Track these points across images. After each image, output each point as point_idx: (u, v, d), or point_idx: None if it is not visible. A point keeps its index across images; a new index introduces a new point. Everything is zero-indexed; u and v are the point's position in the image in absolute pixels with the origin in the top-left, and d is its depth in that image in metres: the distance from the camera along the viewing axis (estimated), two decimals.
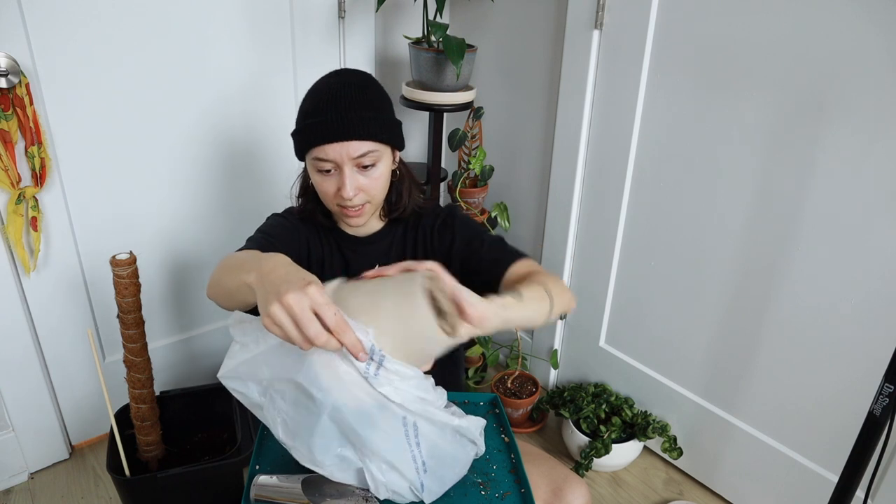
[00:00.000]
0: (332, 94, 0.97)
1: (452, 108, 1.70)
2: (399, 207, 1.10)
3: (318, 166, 0.98)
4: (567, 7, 1.58)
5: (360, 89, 0.98)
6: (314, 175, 1.01)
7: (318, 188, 1.01)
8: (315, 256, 1.12)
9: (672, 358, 1.65)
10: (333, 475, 0.78)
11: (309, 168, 1.02)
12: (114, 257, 1.18)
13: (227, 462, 1.30)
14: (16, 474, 1.59)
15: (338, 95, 0.97)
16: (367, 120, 0.97)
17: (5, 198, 1.36)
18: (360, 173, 0.99)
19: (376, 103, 0.99)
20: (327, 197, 1.02)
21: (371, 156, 0.98)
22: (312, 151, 0.98)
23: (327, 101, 0.97)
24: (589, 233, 1.73)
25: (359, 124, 0.96)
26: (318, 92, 1.00)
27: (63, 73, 1.37)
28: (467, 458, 0.88)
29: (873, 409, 0.89)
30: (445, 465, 0.84)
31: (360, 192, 0.99)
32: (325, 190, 1.00)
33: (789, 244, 1.33)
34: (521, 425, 1.84)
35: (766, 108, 1.29)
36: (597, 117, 1.61)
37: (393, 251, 1.13)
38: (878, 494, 1.30)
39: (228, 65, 1.61)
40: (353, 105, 0.96)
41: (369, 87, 1.00)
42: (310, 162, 1.00)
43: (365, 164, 0.98)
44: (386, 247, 1.13)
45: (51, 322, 1.54)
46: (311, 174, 1.02)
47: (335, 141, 0.95)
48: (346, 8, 1.74)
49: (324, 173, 0.99)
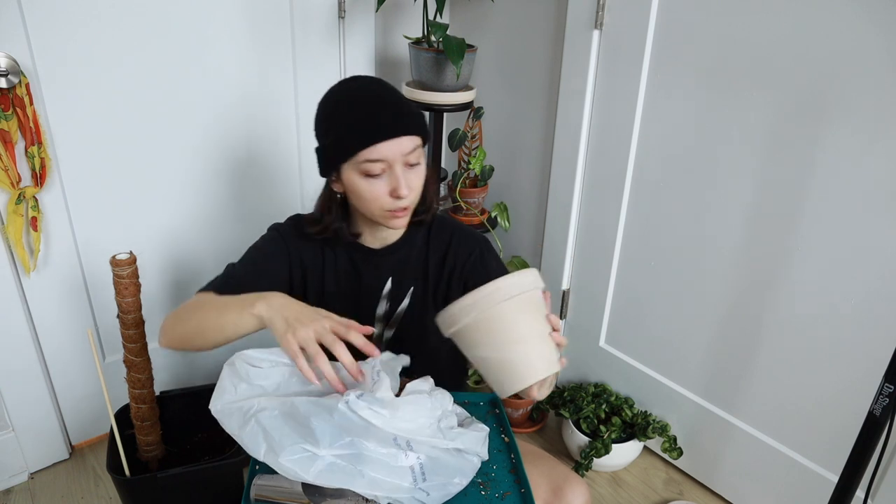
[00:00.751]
0: (369, 94, 0.96)
1: (452, 108, 1.70)
2: (424, 209, 1.08)
3: (367, 170, 0.94)
4: (567, 7, 1.58)
5: (391, 89, 0.98)
6: (359, 182, 0.96)
7: (366, 195, 0.97)
8: (314, 271, 1.10)
9: (672, 358, 1.65)
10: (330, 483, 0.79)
11: (351, 176, 0.97)
12: (114, 257, 1.18)
13: (227, 462, 1.30)
14: (16, 474, 1.59)
15: (378, 95, 0.96)
16: (413, 115, 0.97)
17: (5, 198, 1.36)
18: (408, 171, 0.97)
19: (406, 98, 1.00)
20: (376, 202, 0.97)
21: (417, 152, 0.97)
22: (361, 154, 0.93)
23: (370, 100, 0.95)
24: (589, 233, 1.73)
25: (408, 120, 0.95)
26: (350, 95, 0.97)
27: (63, 73, 1.37)
28: (471, 467, 0.88)
29: (873, 409, 0.89)
30: (447, 474, 0.84)
31: (410, 191, 0.97)
32: (375, 194, 0.96)
33: (789, 244, 1.33)
34: (521, 425, 1.84)
35: (766, 108, 1.29)
36: (597, 117, 1.61)
37: (412, 262, 1.11)
38: (878, 494, 1.30)
39: (228, 65, 1.61)
40: (397, 103, 0.96)
41: (394, 88, 1.00)
42: (355, 168, 0.95)
43: (412, 161, 0.97)
44: (403, 257, 1.11)
45: (51, 322, 1.54)
46: (355, 182, 0.96)
47: (390, 138, 0.93)
48: (346, 8, 1.74)
49: (372, 177, 0.95)
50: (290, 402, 0.80)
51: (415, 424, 0.80)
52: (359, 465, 0.77)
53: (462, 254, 1.10)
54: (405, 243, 1.11)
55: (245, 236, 1.81)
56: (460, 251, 1.10)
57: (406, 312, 1.13)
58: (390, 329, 1.14)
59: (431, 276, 1.12)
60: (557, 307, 1.86)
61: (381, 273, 1.11)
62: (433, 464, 0.82)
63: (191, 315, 0.97)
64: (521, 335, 0.79)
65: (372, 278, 1.10)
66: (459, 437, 0.85)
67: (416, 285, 1.12)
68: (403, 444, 0.79)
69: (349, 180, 0.97)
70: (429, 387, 0.88)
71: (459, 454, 0.85)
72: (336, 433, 0.77)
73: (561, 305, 1.85)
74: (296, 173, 1.85)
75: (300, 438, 0.76)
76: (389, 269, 1.11)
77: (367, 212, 1.01)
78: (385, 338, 1.15)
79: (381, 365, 0.87)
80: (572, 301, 1.85)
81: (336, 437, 0.77)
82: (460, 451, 0.85)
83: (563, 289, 1.83)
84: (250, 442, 0.78)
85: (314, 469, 0.76)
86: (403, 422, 0.79)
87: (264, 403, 0.80)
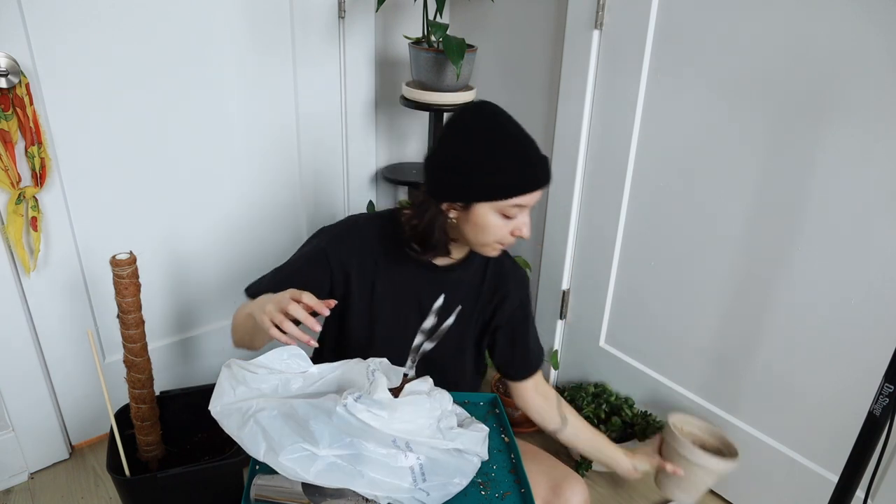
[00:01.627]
0: (524, 140, 1.00)
1: (452, 109, 1.70)
2: None
3: (509, 213, 0.99)
4: (567, 7, 1.58)
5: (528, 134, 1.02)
6: (492, 218, 0.99)
7: (492, 230, 1.00)
8: (364, 276, 1.10)
9: (672, 358, 1.65)
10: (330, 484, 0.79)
11: (484, 212, 0.99)
12: (114, 257, 1.18)
13: (227, 462, 1.30)
14: (16, 474, 1.59)
15: (529, 142, 1.00)
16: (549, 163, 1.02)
17: (5, 198, 1.36)
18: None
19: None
20: (494, 236, 1.01)
21: None
22: (511, 200, 0.97)
23: (529, 147, 0.99)
24: (589, 233, 1.73)
25: (549, 170, 1.01)
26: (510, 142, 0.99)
27: (63, 73, 1.36)
28: (471, 467, 0.88)
29: (873, 409, 0.89)
30: (447, 474, 0.84)
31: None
32: (502, 232, 1.01)
33: (789, 244, 1.33)
34: (521, 425, 1.84)
35: (767, 108, 1.29)
36: (597, 117, 1.61)
37: (466, 283, 1.15)
38: (878, 494, 1.30)
39: (228, 65, 1.61)
40: (544, 155, 1.01)
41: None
42: (493, 207, 0.98)
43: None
44: (459, 277, 1.14)
45: (51, 322, 1.54)
46: (486, 217, 0.99)
47: (541, 188, 0.99)
48: (346, 8, 1.74)
49: (507, 218, 1.00)
50: (288, 404, 0.80)
51: (414, 425, 0.80)
52: (358, 466, 0.77)
53: (513, 298, 1.18)
54: (465, 264, 1.14)
55: (244, 236, 1.82)
56: (512, 293, 1.17)
57: (450, 329, 1.16)
58: (431, 342, 1.17)
59: (480, 301, 1.17)
60: (557, 307, 1.86)
61: (435, 288, 1.13)
62: (433, 464, 0.82)
63: (235, 322, 1.07)
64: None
65: (426, 292, 1.13)
66: (459, 438, 0.85)
67: (465, 305, 1.16)
68: (402, 444, 0.79)
69: (481, 215, 0.99)
70: (428, 387, 0.88)
71: (459, 454, 0.85)
72: (335, 434, 0.77)
73: (561, 305, 1.85)
74: (296, 173, 1.85)
75: (299, 438, 0.76)
76: (445, 286, 1.14)
77: (476, 241, 1.04)
78: (423, 350, 1.17)
79: (377, 365, 0.87)
80: (572, 301, 1.85)
81: (335, 437, 0.77)
82: (460, 452, 0.85)
83: (563, 289, 1.83)
84: (250, 442, 0.78)
85: (314, 469, 0.76)
86: (402, 423, 0.79)
87: (263, 404, 0.80)
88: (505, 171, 0.97)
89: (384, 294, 1.11)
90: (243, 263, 1.84)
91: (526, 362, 1.25)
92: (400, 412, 0.79)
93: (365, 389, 0.81)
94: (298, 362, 0.90)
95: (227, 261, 1.80)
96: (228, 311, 1.86)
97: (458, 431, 0.86)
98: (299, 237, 1.92)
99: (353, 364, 0.90)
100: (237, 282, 1.84)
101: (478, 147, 0.98)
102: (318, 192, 1.93)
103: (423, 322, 1.15)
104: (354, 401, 0.77)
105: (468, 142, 0.99)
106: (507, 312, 1.19)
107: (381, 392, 0.80)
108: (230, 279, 1.83)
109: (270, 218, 1.85)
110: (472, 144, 0.99)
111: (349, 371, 0.89)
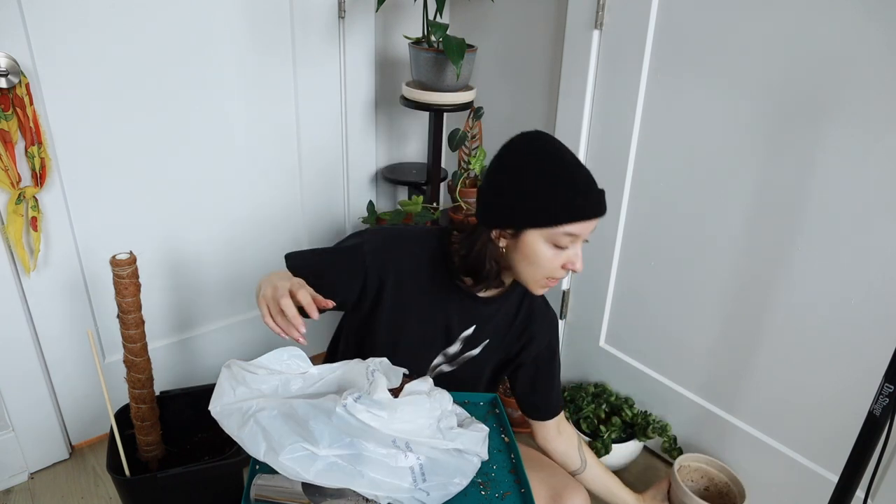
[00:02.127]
0: (582, 169, 0.97)
1: (452, 108, 1.70)
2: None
3: (559, 241, 0.95)
4: (567, 7, 1.58)
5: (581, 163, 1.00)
6: (542, 248, 0.96)
7: (542, 261, 0.97)
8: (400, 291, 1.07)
9: (672, 358, 1.65)
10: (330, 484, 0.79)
11: (535, 240, 0.96)
12: (114, 257, 1.18)
13: (227, 462, 1.30)
14: (16, 474, 1.59)
15: (583, 171, 0.97)
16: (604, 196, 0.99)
17: (5, 198, 1.36)
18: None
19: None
20: (544, 269, 0.98)
21: None
22: (563, 227, 0.94)
23: (584, 176, 0.97)
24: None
25: (603, 201, 0.98)
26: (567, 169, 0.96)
27: (63, 73, 1.36)
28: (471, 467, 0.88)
29: (873, 409, 0.89)
30: (447, 475, 0.84)
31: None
32: (552, 264, 0.97)
33: (789, 244, 1.33)
34: (522, 425, 1.84)
35: (766, 108, 1.29)
36: (597, 117, 1.61)
37: (500, 318, 1.14)
38: (878, 494, 1.30)
39: (228, 65, 1.61)
40: (598, 186, 0.98)
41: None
42: (544, 235, 0.96)
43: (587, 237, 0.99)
44: (494, 311, 1.13)
45: (51, 322, 1.54)
46: (537, 246, 0.96)
47: (594, 218, 0.96)
48: (346, 8, 1.74)
49: (559, 248, 0.97)
50: (288, 404, 0.80)
51: (414, 425, 0.80)
52: (359, 466, 0.77)
53: (541, 339, 1.18)
54: (503, 300, 1.13)
55: (244, 236, 1.82)
56: (540, 334, 1.17)
57: (473, 358, 1.16)
58: (450, 366, 1.17)
59: (509, 337, 1.17)
60: (557, 307, 1.86)
61: (468, 318, 1.12)
62: (433, 464, 0.82)
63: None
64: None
65: (459, 320, 1.12)
66: (459, 438, 0.84)
67: (493, 340, 1.16)
68: (402, 445, 0.79)
69: (531, 243, 0.97)
70: (427, 387, 0.88)
71: (459, 454, 0.85)
72: (335, 434, 0.77)
73: (561, 305, 1.85)
74: (296, 173, 1.85)
75: (299, 438, 0.76)
76: (477, 317, 1.13)
77: (526, 274, 1.01)
78: (440, 370, 1.17)
79: (377, 366, 0.87)
80: (572, 301, 1.85)
81: (335, 437, 0.77)
82: (460, 452, 0.85)
83: (563, 289, 1.83)
84: (250, 442, 0.78)
85: (314, 468, 0.76)
86: (402, 423, 0.79)
87: (263, 404, 0.80)
88: (556, 196, 0.94)
89: (415, 313, 1.09)
90: (243, 263, 1.84)
91: (548, 404, 1.24)
92: (400, 412, 0.79)
93: (364, 390, 0.81)
94: (298, 363, 0.90)
95: (227, 261, 1.80)
96: (228, 311, 1.86)
97: (458, 431, 0.86)
98: (298, 237, 1.92)
99: (353, 364, 0.90)
100: (237, 282, 1.83)
101: (529, 172, 0.96)
102: (318, 192, 1.93)
103: (448, 347, 1.14)
104: (354, 401, 0.77)
105: (521, 167, 0.97)
106: (533, 353, 1.18)
107: (381, 392, 0.80)
108: (230, 279, 1.82)
109: (270, 217, 1.85)
110: (524, 170, 0.96)
111: (349, 371, 0.89)
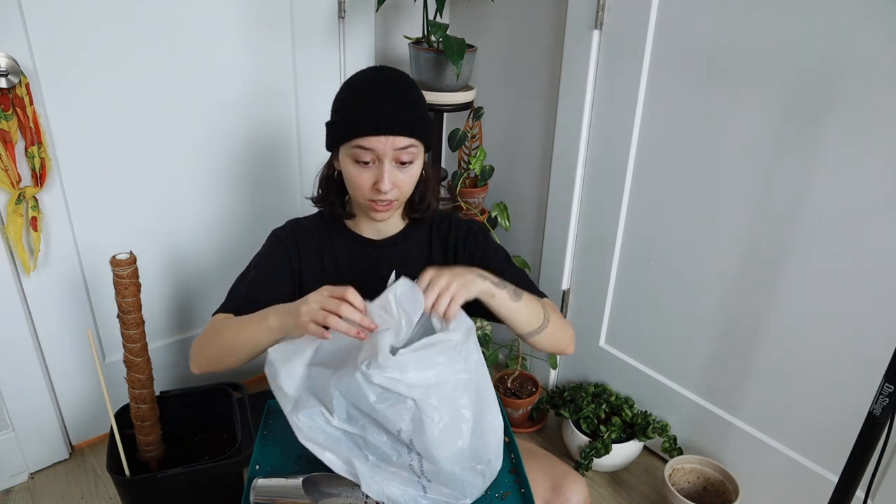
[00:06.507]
0: (379, 89, 0.99)
1: (452, 108, 1.70)
2: (422, 208, 1.11)
3: (357, 156, 0.98)
4: (567, 7, 1.58)
5: (405, 87, 1.01)
6: (349, 166, 1.00)
7: (353, 180, 1.01)
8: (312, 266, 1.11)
9: (672, 358, 1.65)
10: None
11: (344, 158, 1.01)
12: (114, 257, 1.19)
13: (227, 462, 1.30)
14: (16, 474, 1.59)
15: (386, 90, 0.99)
16: (413, 117, 0.99)
17: (5, 198, 1.36)
18: (397, 168, 1.00)
19: (419, 101, 1.02)
20: (360, 189, 1.01)
21: (410, 152, 0.99)
22: (355, 141, 0.97)
23: (376, 94, 0.98)
24: (589, 233, 1.73)
25: (406, 120, 0.98)
26: (364, 85, 1.00)
27: (63, 73, 1.36)
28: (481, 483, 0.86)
29: (873, 409, 0.89)
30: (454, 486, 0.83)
31: (394, 188, 1.00)
32: (361, 182, 1.00)
33: (789, 244, 1.33)
34: (521, 425, 1.84)
35: (767, 108, 1.29)
36: (597, 117, 1.61)
37: (413, 254, 1.13)
38: (878, 494, 1.30)
39: (228, 65, 1.61)
40: (401, 101, 0.99)
41: (412, 86, 1.02)
42: (347, 152, 1.00)
43: (403, 159, 0.99)
44: (404, 250, 1.13)
45: (51, 322, 1.54)
46: (346, 165, 1.01)
47: (384, 133, 0.96)
48: (346, 8, 1.74)
49: (361, 165, 0.99)
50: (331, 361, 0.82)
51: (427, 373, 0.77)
52: (364, 450, 0.79)
53: (461, 237, 1.13)
54: (405, 238, 1.13)
55: (244, 236, 1.82)
56: (459, 234, 1.14)
57: None
58: None
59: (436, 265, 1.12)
60: (557, 307, 1.86)
61: (381, 266, 1.11)
62: (435, 475, 0.81)
63: (212, 340, 0.99)
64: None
65: (372, 271, 1.11)
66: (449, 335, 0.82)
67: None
68: (406, 440, 0.78)
69: (343, 162, 1.02)
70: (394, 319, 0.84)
71: (472, 469, 0.83)
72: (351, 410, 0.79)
73: (561, 305, 1.85)
74: (296, 173, 1.85)
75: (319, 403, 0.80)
76: (391, 263, 1.11)
77: (353, 197, 1.06)
78: None
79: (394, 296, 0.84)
80: (572, 301, 1.85)
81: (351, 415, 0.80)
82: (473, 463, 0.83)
83: (563, 289, 1.83)
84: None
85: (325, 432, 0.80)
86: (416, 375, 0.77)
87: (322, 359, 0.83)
88: (351, 111, 0.98)
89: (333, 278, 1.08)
90: (244, 263, 1.83)
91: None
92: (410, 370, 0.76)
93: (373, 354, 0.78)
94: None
95: (228, 261, 1.80)
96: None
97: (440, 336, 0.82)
98: None
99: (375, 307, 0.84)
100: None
101: (342, 92, 1.02)
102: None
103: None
104: (367, 368, 0.76)
105: (340, 90, 1.02)
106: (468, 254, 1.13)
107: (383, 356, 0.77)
108: (230, 279, 1.82)
109: (270, 218, 1.84)
110: (340, 91, 1.02)
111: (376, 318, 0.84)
